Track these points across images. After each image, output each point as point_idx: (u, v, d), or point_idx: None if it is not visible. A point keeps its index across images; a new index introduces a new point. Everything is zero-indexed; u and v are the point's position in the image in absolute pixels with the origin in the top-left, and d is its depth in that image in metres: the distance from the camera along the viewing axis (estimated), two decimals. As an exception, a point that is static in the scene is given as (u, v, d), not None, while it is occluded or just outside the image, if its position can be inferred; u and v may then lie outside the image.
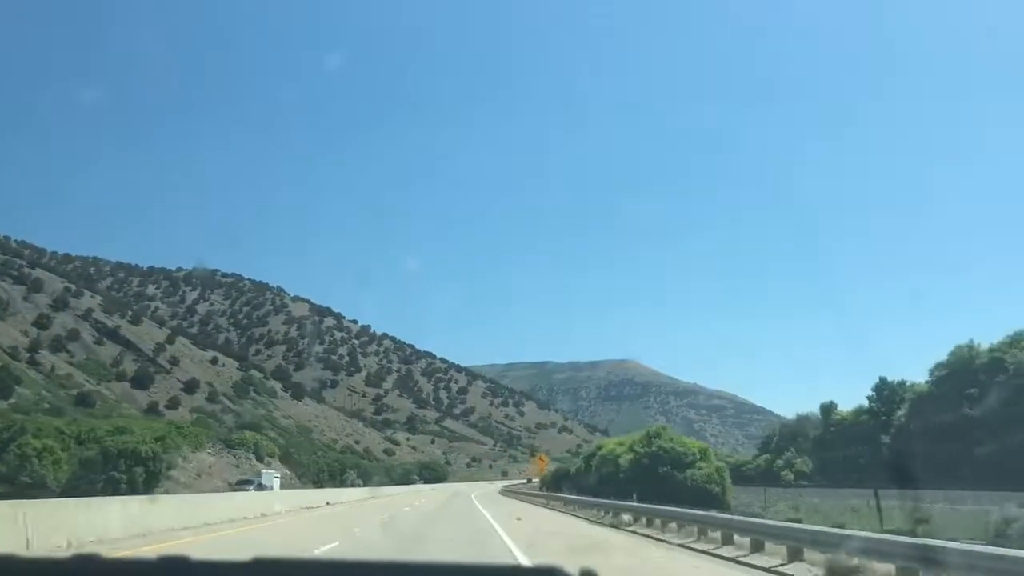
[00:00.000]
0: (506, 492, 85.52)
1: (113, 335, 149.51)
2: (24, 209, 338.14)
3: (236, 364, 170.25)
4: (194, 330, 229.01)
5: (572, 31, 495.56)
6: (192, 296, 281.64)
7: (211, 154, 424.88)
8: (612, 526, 28.83)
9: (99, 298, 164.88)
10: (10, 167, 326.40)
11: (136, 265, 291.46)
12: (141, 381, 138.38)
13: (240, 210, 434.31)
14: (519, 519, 31.72)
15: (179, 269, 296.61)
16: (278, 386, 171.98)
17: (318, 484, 59.84)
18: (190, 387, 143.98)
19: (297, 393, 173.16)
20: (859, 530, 16.05)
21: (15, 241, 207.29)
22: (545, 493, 58.23)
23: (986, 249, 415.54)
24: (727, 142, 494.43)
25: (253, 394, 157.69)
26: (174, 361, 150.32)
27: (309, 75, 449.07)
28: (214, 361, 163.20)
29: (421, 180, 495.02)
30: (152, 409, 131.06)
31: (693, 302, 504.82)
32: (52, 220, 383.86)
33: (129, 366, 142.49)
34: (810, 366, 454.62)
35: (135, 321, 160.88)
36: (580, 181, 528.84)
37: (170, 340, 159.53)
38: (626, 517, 28.87)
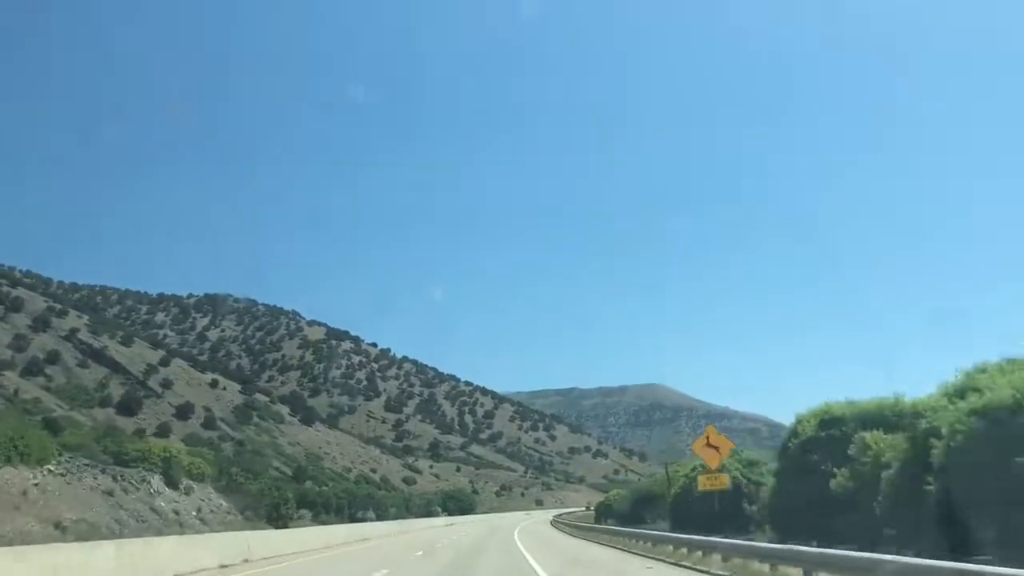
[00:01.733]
0: (573, 527, 56.56)
1: (99, 356, 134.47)
2: (30, 241, 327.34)
3: (239, 387, 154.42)
4: (204, 357, 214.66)
5: (596, 55, 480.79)
6: (203, 323, 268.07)
7: (227, 184, 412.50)
8: None
9: (86, 318, 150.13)
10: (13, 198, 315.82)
11: (145, 292, 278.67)
12: (128, 406, 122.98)
13: (259, 239, 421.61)
14: None
15: (190, 296, 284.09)
16: (285, 410, 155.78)
17: (277, 521, 41.31)
18: (183, 412, 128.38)
19: (307, 418, 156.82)
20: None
21: (19, 271, 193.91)
22: (639, 532, 31.43)
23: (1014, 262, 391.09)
24: (753, 163, 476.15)
25: (257, 419, 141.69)
26: (167, 384, 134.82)
27: (332, 103, 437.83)
28: (214, 384, 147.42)
29: (446, 207, 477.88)
30: (139, 438, 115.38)
31: (719, 324, 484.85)
32: (59, 251, 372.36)
33: (116, 390, 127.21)
34: (836, 385, 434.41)
35: (126, 342, 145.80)
36: (604, 207, 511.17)
37: (164, 362, 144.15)
38: None
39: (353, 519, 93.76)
